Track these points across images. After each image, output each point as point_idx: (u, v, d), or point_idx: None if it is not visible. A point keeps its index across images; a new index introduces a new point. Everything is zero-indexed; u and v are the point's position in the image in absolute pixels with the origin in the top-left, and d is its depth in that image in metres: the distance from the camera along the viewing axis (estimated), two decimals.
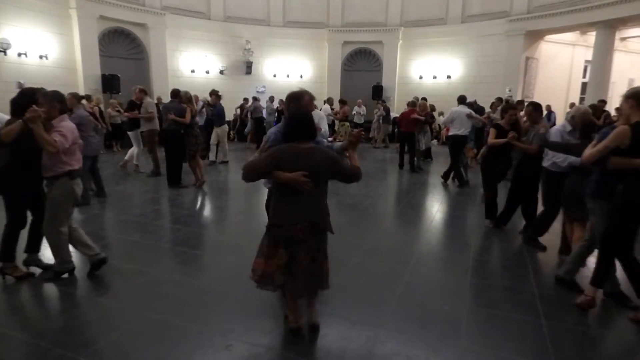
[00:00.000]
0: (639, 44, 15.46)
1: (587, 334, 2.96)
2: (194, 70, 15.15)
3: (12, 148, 3.31)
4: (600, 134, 3.21)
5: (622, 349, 2.77)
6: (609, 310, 3.28)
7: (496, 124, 5.28)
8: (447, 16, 15.45)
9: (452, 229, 5.67)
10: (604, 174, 3.11)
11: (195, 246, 4.61)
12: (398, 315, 3.13)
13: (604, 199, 3.13)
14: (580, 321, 3.14)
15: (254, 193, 7.41)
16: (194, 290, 3.47)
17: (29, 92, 3.49)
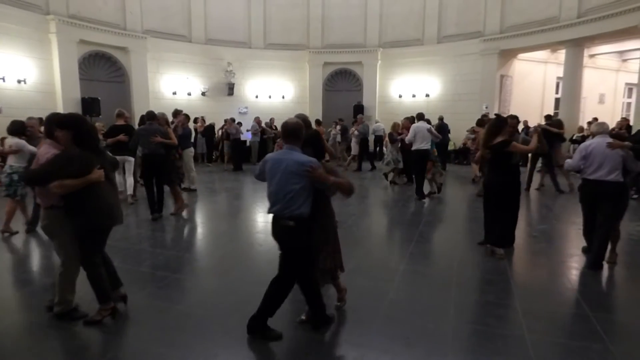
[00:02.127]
0: (607, 60, 16.16)
1: (570, 346, 2.99)
2: (175, 92, 15.16)
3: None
4: None
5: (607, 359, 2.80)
6: (591, 322, 3.33)
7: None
8: (424, 37, 15.90)
9: (435, 246, 5.71)
10: None
11: (177, 270, 4.52)
12: (383, 334, 3.11)
13: None
14: (563, 334, 3.17)
15: (232, 217, 7.37)
16: (176, 315, 3.38)
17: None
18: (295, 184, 2.85)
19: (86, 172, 2.97)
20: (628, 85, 16.70)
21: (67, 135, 3.00)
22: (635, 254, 5.20)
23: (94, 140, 3.17)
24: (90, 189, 3.00)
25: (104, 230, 3.23)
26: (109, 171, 3.21)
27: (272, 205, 3.01)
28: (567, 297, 3.89)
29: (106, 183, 3.15)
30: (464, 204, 8.46)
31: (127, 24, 13.68)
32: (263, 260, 4.87)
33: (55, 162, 2.94)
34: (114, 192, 3.31)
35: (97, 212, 3.07)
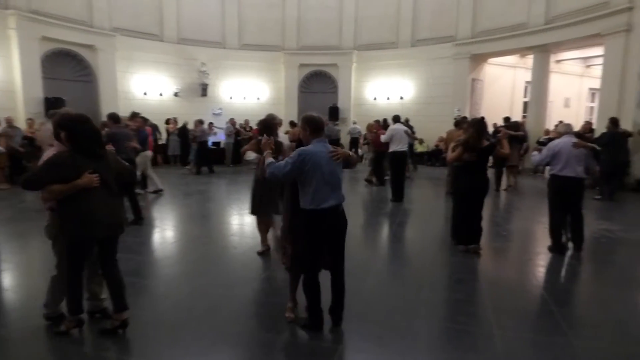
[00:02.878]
0: (573, 66, 16.80)
1: (536, 341, 3.08)
2: (146, 92, 14.81)
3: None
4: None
5: (570, 353, 2.89)
6: (556, 316, 3.44)
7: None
8: (398, 40, 16.12)
9: (407, 246, 5.78)
10: None
11: (147, 276, 4.41)
12: (357, 333, 3.12)
13: None
14: (529, 329, 3.26)
15: (205, 220, 7.26)
16: (145, 323, 3.29)
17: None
18: (341, 172, 3.08)
19: (74, 176, 2.75)
20: (591, 90, 17.38)
21: (65, 136, 2.83)
22: (598, 251, 5.42)
23: (89, 143, 2.87)
24: (78, 195, 2.78)
25: (89, 241, 2.92)
26: (107, 177, 2.94)
27: (328, 198, 2.95)
28: (533, 294, 4.01)
29: (100, 190, 2.87)
30: (436, 204, 8.61)
31: (94, 21, 13.26)
32: (237, 263, 4.82)
33: (43, 166, 2.80)
34: (110, 201, 2.96)
35: (81, 221, 2.82)
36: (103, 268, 3.08)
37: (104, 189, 2.90)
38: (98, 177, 2.82)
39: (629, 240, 5.86)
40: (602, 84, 11.28)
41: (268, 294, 4.00)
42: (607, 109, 10.50)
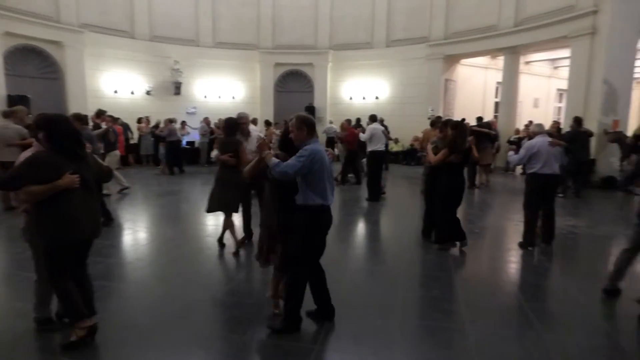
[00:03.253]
0: (541, 67, 17.34)
1: (507, 335, 3.15)
2: (117, 90, 14.40)
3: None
4: None
5: (540, 347, 2.97)
6: (527, 311, 3.52)
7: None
8: (373, 40, 16.25)
9: (383, 244, 5.82)
10: None
11: (118, 279, 4.27)
12: (333, 332, 3.11)
13: None
14: (501, 324, 3.33)
15: (179, 221, 7.13)
16: (115, 327, 3.18)
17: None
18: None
19: (54, 177, 2.63)
20: (559, 90, 17.98)
21: (44, 137, 2.73)
22: (566, 247, 5.60)
23: (69, 143, 2.75)
24: (58, 197, 2.66)
25: (70, 244, 2.79)
26: (88, 178, 2.82)
27: (331, 195, 3.11)
28: (505, 289, 4.11)
29: (81, 191, 2.76)
30: (412, 203, 8.71)
31: (61, 17, 12.76)
32: (212, 265, 4.73)
33: (22, 166, 2.67)
34: (90, 203, 2.87)
35: (63, 223, 2.70)
36: (74, 272, 2.92)
37: (84, 191, 2.80)
38: (79, 178, 2.73)
39: (594, 236, 6.08)
40: (569, 85, 11.69)
41: (243, 295, 3.94)
42: (574, 109, 10.88)
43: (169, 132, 11.79)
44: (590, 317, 3.52)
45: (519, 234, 5.40)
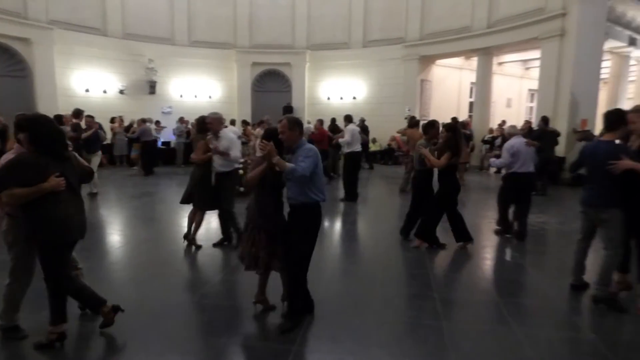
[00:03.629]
0: (513, 68, 17.79)
1: (480, 329, 3.22)
2: (88, 89, 13.98)
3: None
4: None
5: (513, 341, 3.05)
6: (499, 306, 3.61)
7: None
8: (350, 40, 16.33)
9: (361, 243, 5.86)
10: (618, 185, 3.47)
11: (91, 283, 4.14)
12: (311, 332, 3.12)
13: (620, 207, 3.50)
14: (475, 319, 3.41)
15: (155, 222, 7.01)
16: (89, 332, 3.10)
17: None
18: None
19: (39, 180, 2.57)
20: (531, 91, 18.49)
21: (26, 138, 2.65)
22: (538, 243, 5.77)
23: (55, 145, 2.71)
24: (44, 199, 2.62)
25: (61, 245, 2.78)
26: (72, 180, 2.79)
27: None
28: (479, 286, 4.20)
29: (67, 193, 2.73)
30: (390, 202, 8.81)
31: (29, 13, 12.32)
32: (189, 267, 4.67)
33: (4, 169, 2.60)
34: (76, 203, 2.85)
35: (56, 225, 2.69)
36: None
37: (70, 192, 2.78)
38: (64, 181, 2.68)
39: (564, 232, 6.28)
40: (540, 85, 12.05)
41: (221, 297, 3.90)
42: (545, 108, 11.23)
43: (141, 132, 11.57)
44: (559, 310, 3.64)
45: (492, 231, 5.58)
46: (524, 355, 2.85)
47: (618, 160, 3.37)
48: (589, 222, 3.76)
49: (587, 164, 3.71)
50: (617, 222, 3.52)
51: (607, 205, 3.53)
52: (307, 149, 3.07)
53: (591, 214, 3.68)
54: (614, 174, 3.39)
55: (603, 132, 3.88)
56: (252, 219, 3.24)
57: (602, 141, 3.62)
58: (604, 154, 3.46)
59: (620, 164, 3.35)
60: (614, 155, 3.40)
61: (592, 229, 3.77)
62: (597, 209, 3.60)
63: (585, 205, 3.71)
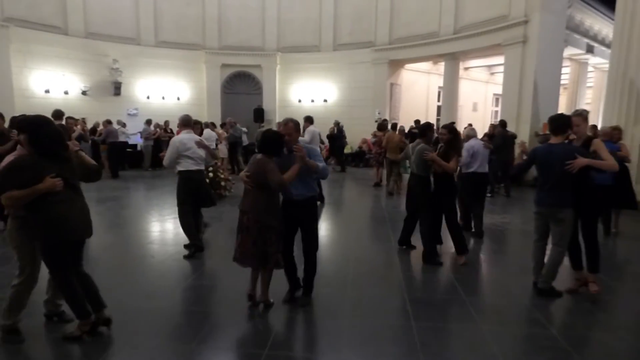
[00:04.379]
0: (479, 73, 18.38)
1: (448, 328, 3.29)
2: (48, 90, 13.40)
3: None
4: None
5: (479, 338, 3.12)
6: (466, 305, 3.70)
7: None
8: (321, 44, 16.41)
9: (332, 246, 5.86)
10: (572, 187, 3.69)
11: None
12: (279, 337, 3.09)
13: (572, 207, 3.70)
14: (442, 318, 3.47)
15: (120, 228, 6.80)
16: (51, 343, 2.96)
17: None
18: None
19: (37, 181, 2.60)
20: (495, 95, 19.16)
21: (26, 139, 2.68)
22: (502, 243, 5.95)
23: (53, 145, 2.71)
24: (43, 200, 2.65)
25: (65, 244, 2.82)
26: (73, 180, 2.83)
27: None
28: (446, 285, 4.28)
29: (67, 193, 2.76)
30: (362, 204, 8.88)
31: None
32: (156, 273, 4.54)
33: (6, 170, 2.64)
34: (78, 202, 2.89)
35: (49, 225, 2.72)
36: (72, 271, 2.96)
37: (72, 191, 2.83)
38: (61, 181, 2.68)
39: (526, 231, 6.50)
40: (504, 90, 12.47)
41: (190, 303, 3.81)
42: (509, 112, 11.63)
43: (107, 133, 11.24)
44: (522, 308, 3.76)
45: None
46: (490, 352, 2.93)
47: (574, 159, 3.53)
48: (544, 221, 3.89)
49: (540, 166, 3.83)
50: (571, 220, 3.73)
51: (563, 205, 3.69)
52: (314, 148, 3.58)
53: (547, 214, 3.82)
54: (572, 172, 3.56)
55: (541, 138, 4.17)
56: (258, 219, 3.29)
57: (554, 144, 3.75)
58: (560, 155, 3.61)
59: (577, 162, 3.52)
60: (570, 156, 3.57)
61: (547, 228, 3.91)
62: (554, 209, 3.74)
63: (542, 205, 3.83)
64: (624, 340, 3.20)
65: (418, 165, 4.83)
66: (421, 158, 4.72)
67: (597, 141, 3.90)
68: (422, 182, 4.87)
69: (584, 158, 3.55)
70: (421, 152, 4.73)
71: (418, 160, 4.79)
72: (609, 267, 5.21)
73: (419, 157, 4.76)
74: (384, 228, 6.53)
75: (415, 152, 4.85)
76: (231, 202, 8.22)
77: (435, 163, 4.65)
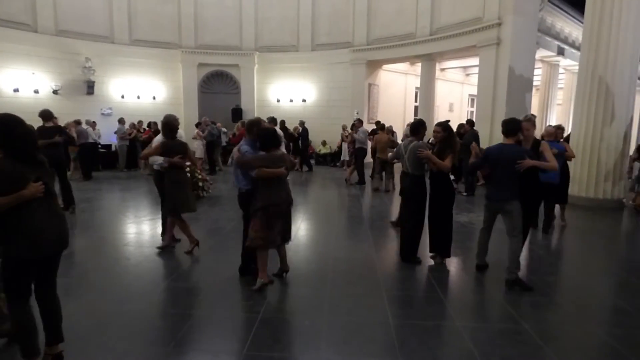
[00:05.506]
0: (455, 74, 18.70)
1: (425, 325, 3.33)
2: (17, 89, 12.95)
3: None
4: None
5: (454, 334, 3.19)
6: (443, 303, 3.76)
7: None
8: (299, 43, 16.38)
9: (311, 246, 5.87)
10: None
11: None
12: (258, 338, 3.07)
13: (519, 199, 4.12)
14: (420, 316, 3.52)
15: (94, 230, 6.64)
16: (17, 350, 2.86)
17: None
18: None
19: (16, 187, 2.34)
20: (471, 96, 19.54)
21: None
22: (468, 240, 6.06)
23: (28, 147, 2.47)
24: (20, 209, 2.38)
25: (32, 262, 2.47)
26: (50, 185, 2.56)
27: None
28: (424, 283, 4.35)
29: (44, 200, 2.49)
30: (336, 203, 8.91)
31: None
32: (131, 275, 4.44)
33: None
34: (54, 210, 2.60)
35: (28, 239, 2.41)
36: (38, 289, 2.60)
37: (47, 199, 2.52)
38: (43, 186, 2.45)
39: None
40: (478, 91, 12.72)
41: (166, 305, 3.76)
42: (483, 112, 11.90)
43: (77, 134, 10.90)
44: (495, 304, 3.85)
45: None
46: (465, 347, 2.99)
47: (523, 160, 4.00)
48: (492, 213, 4.35)
49: (492, 164, 4.17)
50: (519, 211, 4.12)
51: (510, 198, 4.10)
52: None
53: (496, 206, 4.24)
54: (520, 171, 4.02)
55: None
56: (282, 204, 3.95)
57: (506, 145, 4.16)
58: (511, 155, 4.04)
59: (525, 162, 3.99)
60: (520, 156, 4.03)
61: (493, 219, 4.39)
62: (503, 202, 4.14)
63: (492, 199, 4.27)
64: (594, 334, 3.33)
65: (412, 163, 4.66)
66: (416, 156, 4.60)
67: (544, 143, 4.53)
68: (417, 182, 4.72)
69: (530, 160, 4.03)
70: (415, 150, 4.58)
71: (412, 158, 4.63)
72: (572, 261, 5.43)
73: (414, 156, 4.61)
74: (361, 227, 6.58)
75: (409, 150, 4.67)
76: (209, 202, 8.13)
77: (431, 161, 4.54)
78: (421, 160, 4.62)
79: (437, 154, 4.61)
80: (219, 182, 10.50)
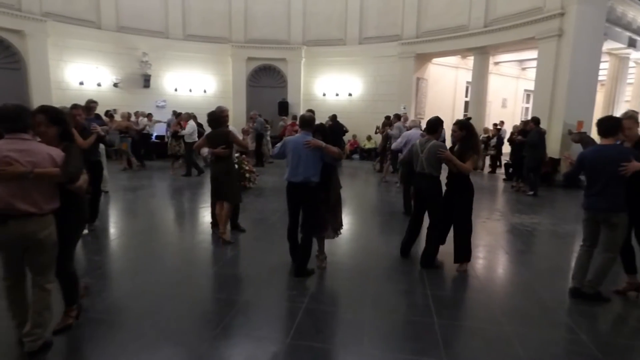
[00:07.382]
0: (509, 68, 17.85)
1: (472, 327, 3.23)
2: (82, 82, 13.86)
3: None
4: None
5: (503, 341, 3.06)
6: (491, 305, 3.63)
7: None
8: (346, 37, 16.27)
9: (354, 240, 5.84)
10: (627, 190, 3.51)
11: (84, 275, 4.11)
12: (301, 327, 3.11)
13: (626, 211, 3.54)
14: (465, 317, 3.42)
15: (147, 216, 6.97)
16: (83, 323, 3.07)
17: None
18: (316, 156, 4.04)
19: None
20: (526, 91, 18.60)
21: (60, 131, 2.81)
22: (530, 243, 5.78)
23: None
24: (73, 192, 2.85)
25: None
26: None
27: (295, 174, 4.03)
28: (468, 285, 4.21)
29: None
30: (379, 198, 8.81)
31: (22, 5, 12.16)
32: (183, 260, 4.64)
33: (80, 156, 2.83)
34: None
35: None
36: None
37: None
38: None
39: (558, 234, 6.31)
40: (536, 86, 12.01)
41: (214, 290, 3.90)
42: (541, 109, 11.22)
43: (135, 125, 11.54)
44: (551, 311, 3.66)
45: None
46: (515, 354, 2.86)
47: (628, 162, 3.40)
48: (594, 227, 3.70)
49: (590, 169, 3.63)
50: (625, 225, 3.57)
51: (617, 210, 3.53)
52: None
53: (601, 217, 3.62)
54: (626, 176, 3.44)
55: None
56: (338, 195, 4.31)
57: (605, 146, 3.60)
58: (613, 157, 3.48)
59: (632, 165, 3.40)
60: (624, 158, 3.44)
61: (597, 234, 3.70)
62: (607, 214, 3.56)
63: (593, 210, 3.65)
64: None
65: (430, 163, 4.35)
66: (435, 156, 4.30)
67: None
68: (435, 183, 4.42)
69: (637, 162, 3.41)
70: (435, 150, 4.29)
71: (431, 158, 4.33)
72: None
73: (433, 155, 4.31)
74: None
75: (427, 150, 4.36)
76: (255, 193, 8.32)
77: (452, 163, 4.22)
78: (441, 160, 4.32)
79: (457, 154, 4.26)
80: (265, 175, 10.69)
